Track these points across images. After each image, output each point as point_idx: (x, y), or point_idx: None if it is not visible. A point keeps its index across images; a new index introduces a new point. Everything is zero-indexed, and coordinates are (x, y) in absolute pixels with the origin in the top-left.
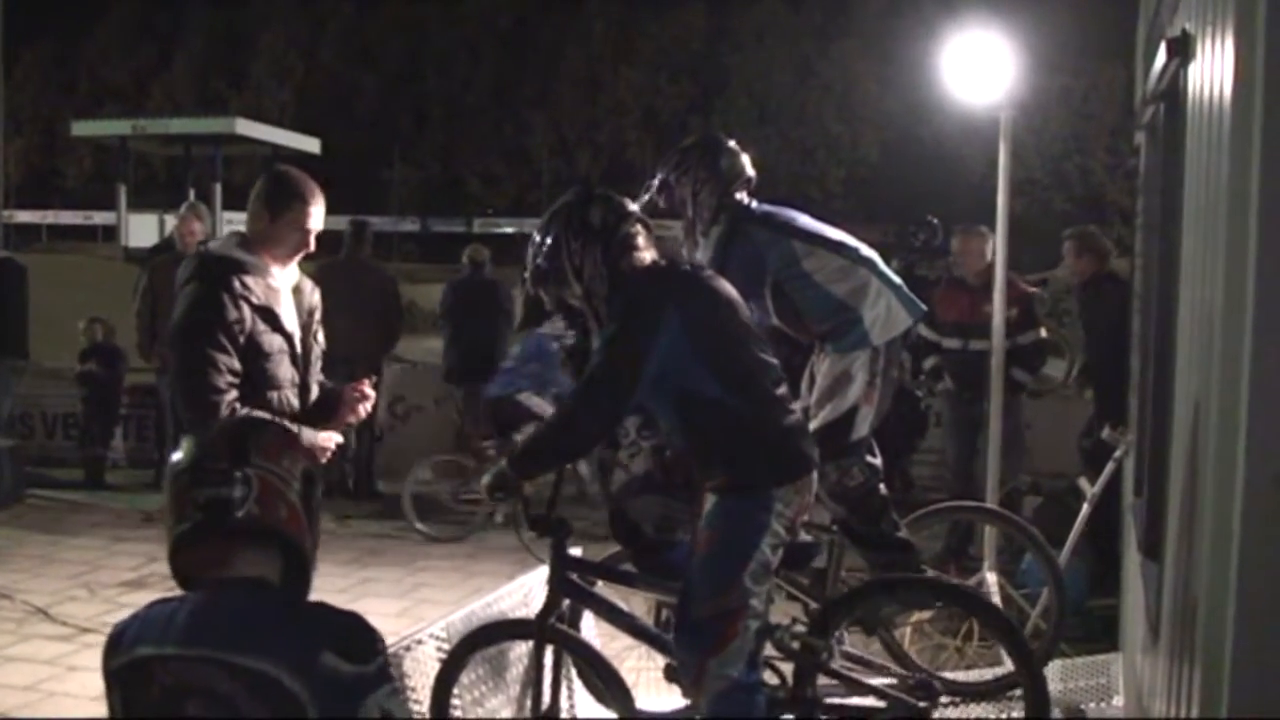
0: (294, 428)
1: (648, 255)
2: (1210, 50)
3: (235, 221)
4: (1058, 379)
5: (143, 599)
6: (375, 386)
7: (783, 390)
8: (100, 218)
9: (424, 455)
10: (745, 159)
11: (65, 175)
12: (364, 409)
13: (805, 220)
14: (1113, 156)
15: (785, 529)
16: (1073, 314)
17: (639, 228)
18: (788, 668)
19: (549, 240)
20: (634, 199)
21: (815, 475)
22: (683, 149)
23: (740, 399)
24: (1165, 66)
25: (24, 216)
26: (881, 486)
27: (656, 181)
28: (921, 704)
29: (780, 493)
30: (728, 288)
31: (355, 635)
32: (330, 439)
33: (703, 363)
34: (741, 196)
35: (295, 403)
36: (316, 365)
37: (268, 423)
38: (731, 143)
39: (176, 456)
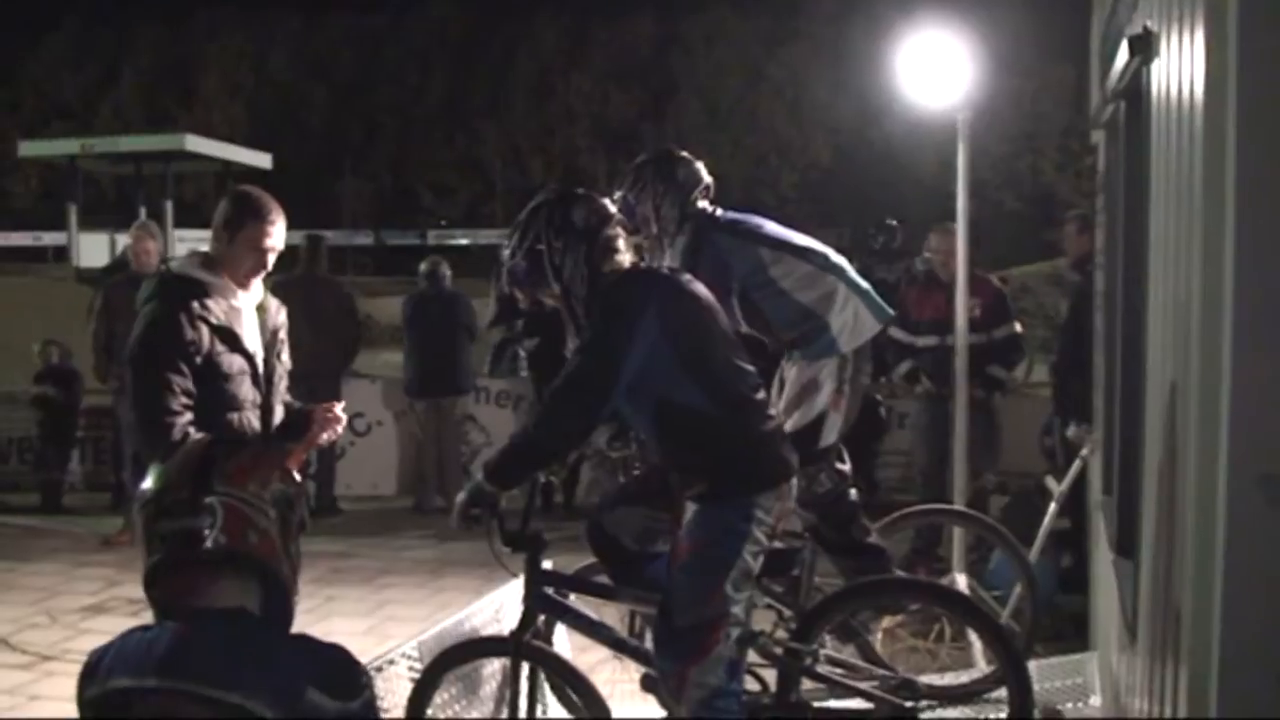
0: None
1: (627, 258)
2: (1176, 47)
3: (187, 239)
4: (1017, 379)
5: (105, 624)
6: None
7: (760, 395)
8: (50, 238)
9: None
10: (701, 166)
11: (13, 196)
12: (335, 431)
13: (771, 227)
14: (1064, 155)
15: (767, 535)
16: (1030, 312)
17: (620, 230)
18: (770, 674)
19: (529, 237)
20: None
21: (795, 480)
22: (637, 166)
23: (719, 405)
24: (1127, 64)
25: None
26: (851, 492)
27: (617, 201)
28: (908, 704)
29: (761, 499)
30: (706, 293)
31: (339, 670)
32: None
33: (681, 368)
34: (704, 205)
35: (257, 424)
36: (281, 385)
37: (236, 446)
38: (684, 153)
39: (144, 485)
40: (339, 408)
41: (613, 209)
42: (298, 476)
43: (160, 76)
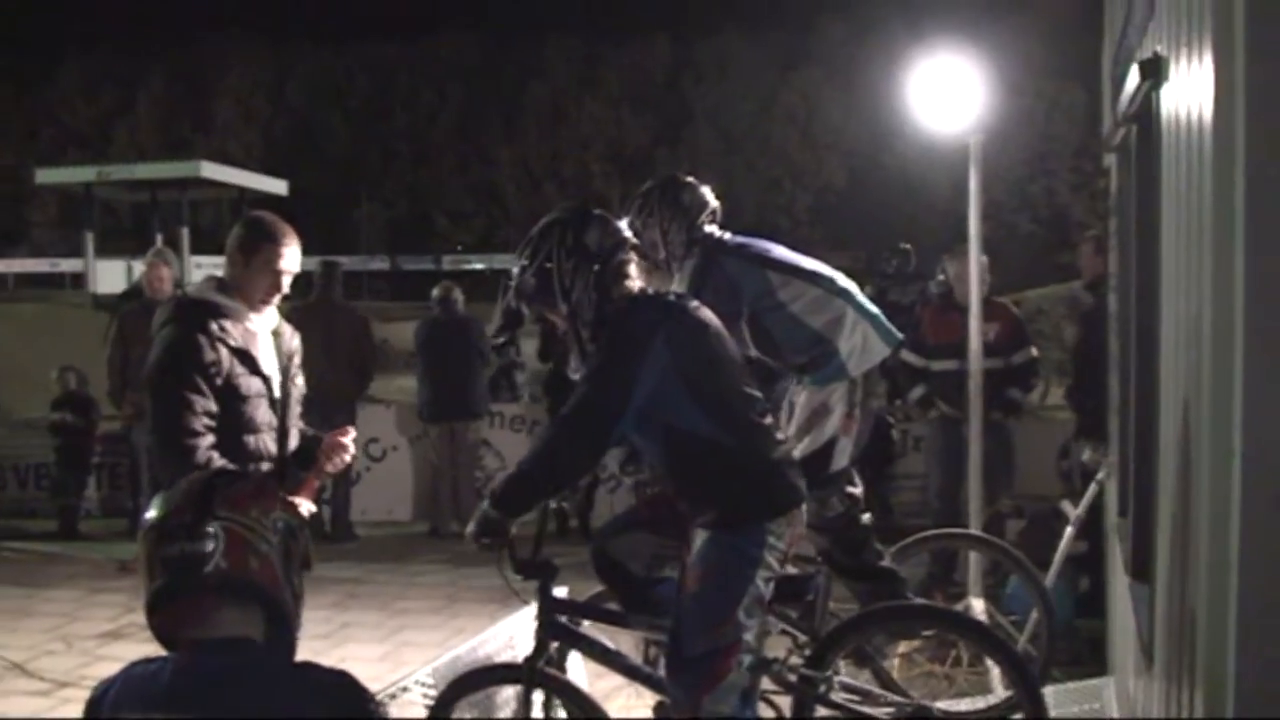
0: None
1: (638, 285)
2: (1185, 72)
3: (204, 265)
4: (1033, 401)
5: (121, 650)
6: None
7: (768, 421)
8: (67, 265)
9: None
10: (707, 191)
11: (31, 223)
12: (344, 459)
13: (780, 251)
14: (1077, 176)
15: (778, 561)
16: (1045, 335)
17: (632, 255)
18: (784, 701)
19: (540, 255)
20: None
21: (805, 506)
22: (643, 193)
23: (727, 432)
24: (1137, 89)
25: None
26: (864, 516)
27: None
28: None
29: (772, 526)
30: (714, 320)
31: (345, 695)
32: (304, 507)
33: (690, 395)
34: (711, 229)
35: (273, 447)
36: (296, 409)
37: (237, 475)
38: (689, 178)
39: (149, 514)
40: (349, 436)
41: (628, 233)
42: (309, 508)
43: (176, 104)
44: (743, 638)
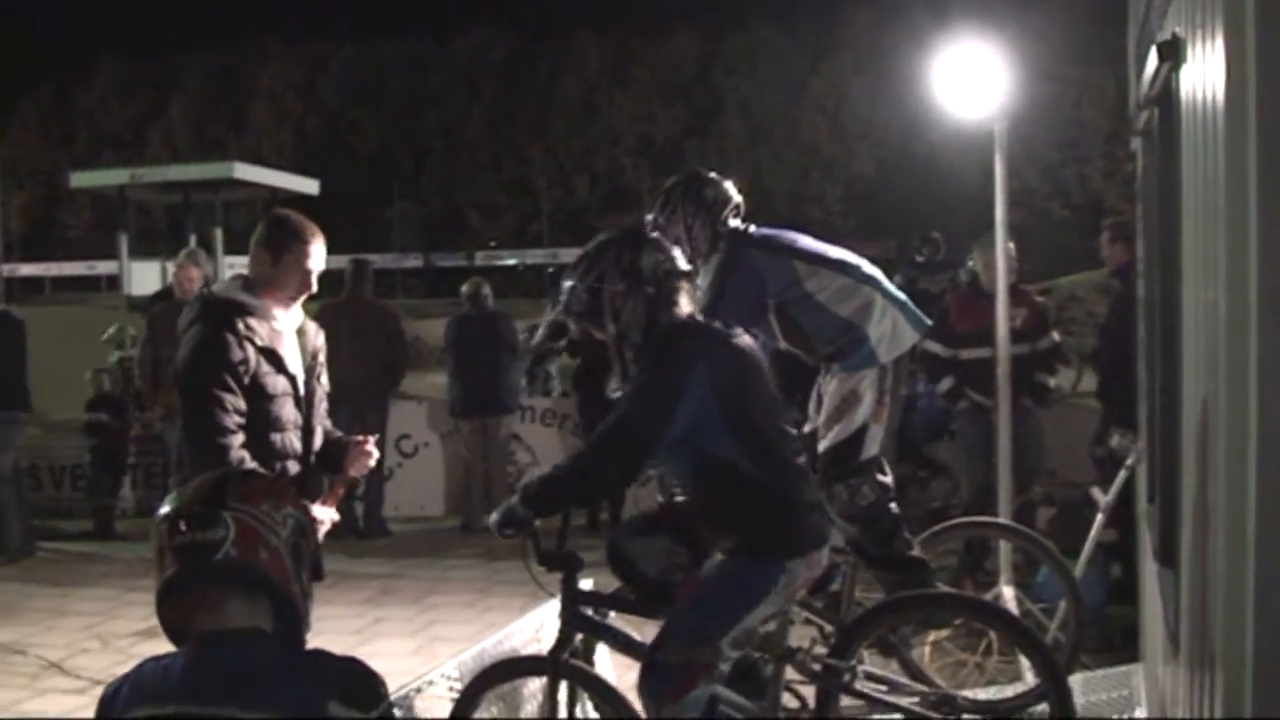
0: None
1: (687, 310)
2: (1201, 53)
3: (237, 266)
4: (1065, 389)
5: (156, 649)
6: (379, 443)
7: (802, 461)
8: (103, 267)
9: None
10: (730, 185)
11: (67, 226)
12: (368, 464)
13: (805, 241)
14: (1109, 162)
15: (785, 600)
16: (1078, 322)
17: (684, 283)
18: (809, 691)
19: (593, 274)
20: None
21: (826, 551)
22: (666, 190)
23: (760, 467)
24: (1157, 71)
25: (27, 270)
26: (893, 505)
27: (648, 224)
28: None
29: (789, 564)
30: (757, 352)
31: (357, 681)
32: (327, 516)
33: (727, 425)
34: (735, 222)
35: (299, 445)
36: (321, 407)
37: (251, 472)
38: (712, 173)
39: (163, 508)
40: (371, 441)
41: (682, 261)
42: (332, 516)
43: (209, 104)
44: (718, 665)
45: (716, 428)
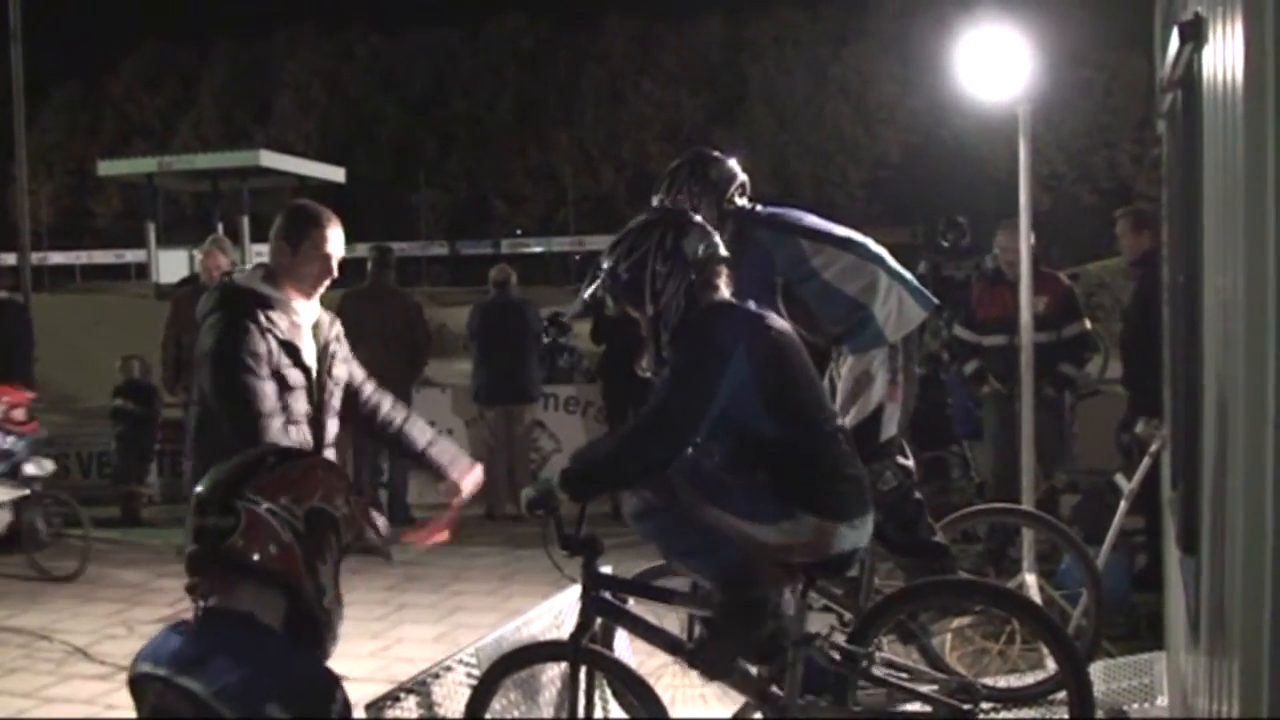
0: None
1: (725, 294)
2: (1222, 33)
3: (264, 254)
4: (1093, 376)
5: None
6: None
7: (843, 438)
8: (132, 255)
9: None
10: (735, 164)
11: (96, 215)
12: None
13: (811, 219)
14: (1139, 147)
15: (776, 549)
16: (1106, 308)
17: (723, 267)
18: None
19: (635, 254)
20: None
21: (845, 533)
22: (671, 170)
23: (804, 438)
24: (1180, 52)
25: (57, 258)
26: (915, 491)
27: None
28: (965, 706)
29: (803, 518)
30: (790, 330)
31: (309, 694)
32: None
33: (765, 407)
34: (742, 202)
35: (310, 437)
36: (332, 400)
37: (291, 455)
38: (716, 152)
39: (199, 486)
40: (479, 469)
41: (722, 248)
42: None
43: (236, 94)
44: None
45: (755, 410)
